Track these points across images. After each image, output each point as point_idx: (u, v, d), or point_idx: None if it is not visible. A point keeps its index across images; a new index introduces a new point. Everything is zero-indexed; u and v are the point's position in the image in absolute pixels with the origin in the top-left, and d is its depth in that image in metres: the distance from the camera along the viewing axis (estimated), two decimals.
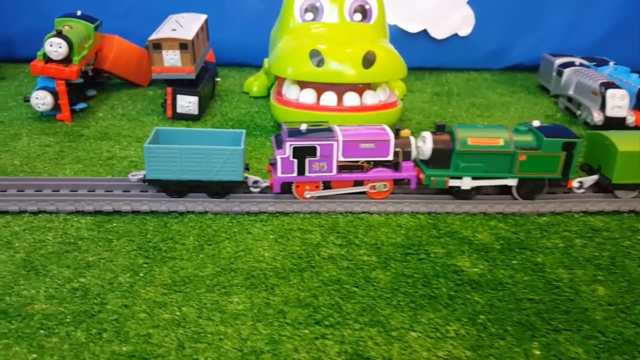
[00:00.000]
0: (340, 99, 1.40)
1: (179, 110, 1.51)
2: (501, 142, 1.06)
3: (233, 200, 1.06)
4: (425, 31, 2.04)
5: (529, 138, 1.09)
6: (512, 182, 1.09)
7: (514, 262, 0.94)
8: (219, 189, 1.07)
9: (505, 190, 1.13)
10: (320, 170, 1.06)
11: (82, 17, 1.57)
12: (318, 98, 1.40)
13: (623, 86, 1.57)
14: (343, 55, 1.34)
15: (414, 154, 1.10)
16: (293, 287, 0.85)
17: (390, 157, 1.08)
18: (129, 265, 0.89)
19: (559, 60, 1.83)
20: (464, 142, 1.06)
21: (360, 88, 1.42)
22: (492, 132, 1.08)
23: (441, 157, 1.08)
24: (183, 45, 1.45)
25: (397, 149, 1.08)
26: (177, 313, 0.79)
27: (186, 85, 1.51)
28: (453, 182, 1.08)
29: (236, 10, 2.00)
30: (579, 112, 1.64)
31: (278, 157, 1.04)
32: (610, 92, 1.52)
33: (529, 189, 1.11)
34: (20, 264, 0.88)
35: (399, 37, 2.04)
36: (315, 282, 0.87)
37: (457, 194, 1.10)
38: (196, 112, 1.52)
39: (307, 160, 1.05)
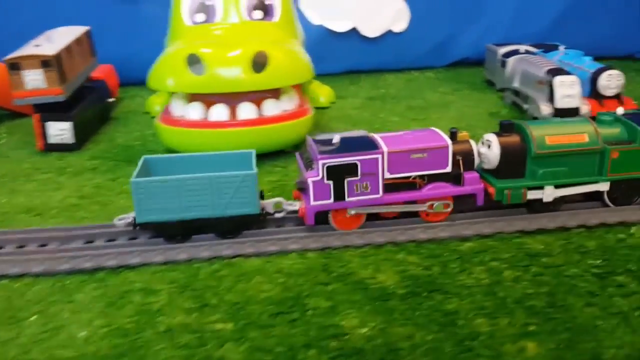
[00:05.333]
0: (233, 112, 1.16)
1: (51, 140, 1.27)
2: (586, 139, 0.86)
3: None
4: (355, 30, 1.82)
5: (617, 130, 0.90)
6: (604, 186, 0.89)
7: None
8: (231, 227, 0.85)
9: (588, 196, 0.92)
10: (362, 193, 0.84)
11: None
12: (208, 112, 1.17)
13: (574, 72, 1.35)
14: (228, 59, 1.10)
15: (476, 162, 0.88)
16: None
17: (449, 168, 0.86)
18: None
19: (502, 50, 1.62)
20: (541, 142, 0.86)
21: (258, 98, 1.19)
22: (572, 127, 0.88)
23: (513, 164, 0.87)
24: (45, 63, 1.21)
25: (457, 157, 0.86)
26: None
27: (57, 110, 1.27)
28: (532, 194, 0.87)
29: (132, 22, 1.76)
30: (526, 106, 1.42)
31: (309, 181, 0.83)
32: (558, 80, 1.29)
33: (623, 192, 0.90)
34: None
35: (327, 38, 1.81)
36: None
37: (535, 206, 0.89)
38: (72, 140, 1.27)
39: (346, 182, 0.83)
